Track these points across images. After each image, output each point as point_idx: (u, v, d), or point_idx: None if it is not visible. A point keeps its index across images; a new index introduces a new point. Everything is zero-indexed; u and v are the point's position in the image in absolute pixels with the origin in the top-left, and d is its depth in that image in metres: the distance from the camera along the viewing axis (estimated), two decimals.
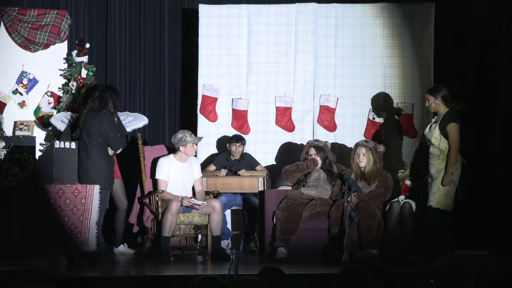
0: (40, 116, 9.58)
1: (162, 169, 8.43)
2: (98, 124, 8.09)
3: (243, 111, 9.60)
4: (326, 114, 9.62)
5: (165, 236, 8.10)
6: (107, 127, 8.10)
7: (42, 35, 9.58)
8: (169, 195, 8.33)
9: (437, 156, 7.76)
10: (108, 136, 8.12)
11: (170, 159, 8.51)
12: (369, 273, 3.66)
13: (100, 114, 8.11)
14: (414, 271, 7.04)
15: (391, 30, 9.56)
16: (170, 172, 8.44)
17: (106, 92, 8.22)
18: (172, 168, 8.46)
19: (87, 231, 7.45)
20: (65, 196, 7.38)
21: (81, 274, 7.08)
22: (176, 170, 8.46)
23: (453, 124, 7.72)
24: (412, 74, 9.53)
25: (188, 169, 8.53)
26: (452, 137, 7.71)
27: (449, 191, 7.71)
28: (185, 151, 8.45)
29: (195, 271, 7.51)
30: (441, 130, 7.75)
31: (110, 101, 8.17)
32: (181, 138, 8.41)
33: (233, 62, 9.61)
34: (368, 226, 7.99)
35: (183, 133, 8.47)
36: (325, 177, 8.51)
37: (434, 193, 7.72)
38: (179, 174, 8.46)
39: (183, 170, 8.49)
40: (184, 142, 8.40)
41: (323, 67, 9.64)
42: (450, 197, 7.72)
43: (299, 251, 8.12)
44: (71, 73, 9.45)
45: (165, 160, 8.49)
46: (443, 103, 7.85)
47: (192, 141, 8.43)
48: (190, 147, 8.44)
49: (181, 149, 8.43)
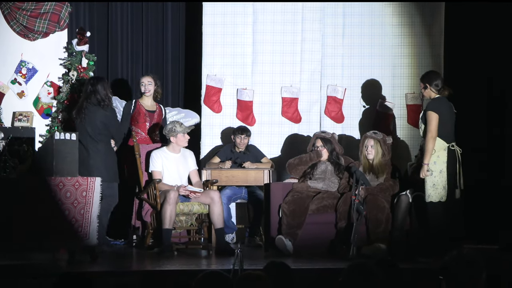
0: (39, 106, 9.62)
1: (156, 161, 8.52)
2: (103, 117, 8.22)
3: (248, 102, 9.62)
4: (333, 105, 9.64)
5: (166, 228, 8.13)
6: (114, 120, 8.35)
7: (41, 23, 9.58)
8: (165, 186, 8.40)
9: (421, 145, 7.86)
10: (115, 128, 8.32)
11: (163, 151, 8.59)
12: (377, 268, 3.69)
13: (104, 107, 8.25)
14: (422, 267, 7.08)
15: (400, 19, 9.56)
16: (164, 163, 8.52)
17: (98, 83, 8.36)
18: (166, 159, 8.53)
19: (88, 225, 7.49)
20: (66, 188, 7.41)
21: (82, 268, 7.12)
22: (170, 161, 8.53)
23: (429, 112, 7.72)
24: (422, 64, 9.54)
25: (183, 161, 8.60)
26: (428, 125, 7.70)
27: (437, 182, 7.70)
28: (177, 142, 8.51)
29: (199, 265, 7.54)
30: (422, 117, 7.79)
31: (107, 92, 8.32)
32: (171, 129, 8.48)
33: (238, 51, 9.62)
34: (376, 219, 8.02)
35: (172, 123, 8.54)
36: (332, 169, 8.54)
37: (425, 187, 7.73)
38: (173, 165, 8.54)
39: (177, 161, 8.57)
40: (174, 133, 8.48)
41: (330, 56, 9.65)
42: (442, 187, 7.71)
43: (305, 245, 8.15)
44: (71, 63, 9.47)
45: (158, 152, 8.57)
46: (433, 89, 7.87)
47: (182, 131, 8.49)
48: (181, 137, 8.50)
49: (172, 139, 8.51)
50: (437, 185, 7.71)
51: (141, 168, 8.69)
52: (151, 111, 9.04)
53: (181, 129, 8.50)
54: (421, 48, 9.56)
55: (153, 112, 9.04)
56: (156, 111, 9.09)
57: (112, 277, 6.75)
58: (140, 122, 8.98)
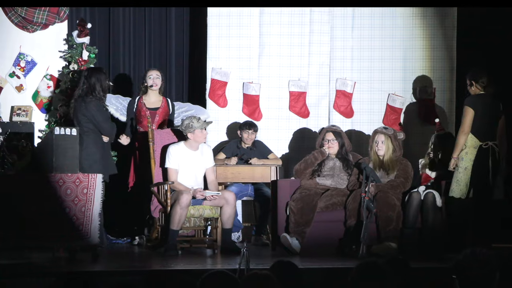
0: (39, 100, 9.64)
1: (173, 157, 8.40)
2: (85, 110, 8.22)
3: (255, 96, 9.63)
4: (342, 99, 9.65)
5: (173, 229, 8.10)
6: (95, 112, 8.24)
7: (40, 15, 9.57)
8: (180, 186, 8.32)
9: None
10: (97, 122, 8.24)
11: (181, 146, 8.47)
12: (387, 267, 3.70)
13: (87, 100, 8.25)
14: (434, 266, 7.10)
15: (412, 10, 9.55)
16: (180, 160, 8.43)
17: (92, 76, 8.35)
18: (183, 156, 8.43)
19: (90, 223, 7.50)
20: (66, 185, 7.44)
21: (83, 268, 7.15)
22: (187, 158, 8.44)
23: (465, 108, 7.90)
24: (434, 57, 9.54)
25: (200, 158, 8.49)
26: (462, 120, 7.88)
27: (460, 178, 7.82)
28: (194, 138, 8.41)
29: (204, 265, 7.56)
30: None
31: (97, 85, 8.32)
32: (188, 125, 8.36)
33: (244, 43, 9.62)
34: (386, 217, 8.03)
35: (189, 119, 8.43)
36: (340, 165, 8.54)
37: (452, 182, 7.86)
38: (190, 163, 8.44)
39: (195, 159, 8.47)
40: (192, 129, 8.36)
41: (339, 49, 9.65)
42: (464, 184, 7.82)
43: (313, 244, 8.16)
44: (71, 55, 9.47)
45: (175, 147, 8.47)
46: (477, 87, 7.96)
47: (199, 127, 8.36)
48: (199, 133, 8.39)
49: (190, 136, 8.39)
50: (460, 182, 7.85)
51: (153, 157, 8.66)
52: (154, 108, 8.97)
53: (199, 125, 8.36)
54: (434, 40, 9.56)
55: (155, 110, 8.97)
56: (160, 108, 9.01)
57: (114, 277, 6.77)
58: (141, 121, 8.96)
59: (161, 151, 8.66)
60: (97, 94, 8.29)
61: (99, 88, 8.31)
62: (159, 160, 8.66)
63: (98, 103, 8.30)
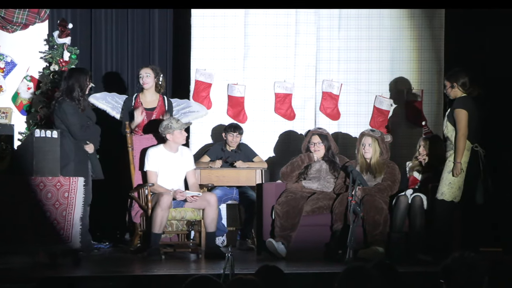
0: (18, 102, 9.60)
1: (152, 160, 8.45)
2: (58, 111, 8.19)
3: (240, 98, 9.63)
4: (329, 101, 9.66)
5: (155, 233, 8.11)
6: (67, 113, 8.19)
7: (20, 14, 9.54)
8: (160, 188, 8.35)
9: (449, 147, 7.88)
10: (67, 124, 8.18)
11: (160, 149, 8.52)
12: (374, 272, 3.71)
13: (60, 100, 8.22)
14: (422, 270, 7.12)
15: (399, 11, 9.58)
16: (160, 163, 8.46)
17: (71, 78, 8.34)
18: (162, 158, 8.47)
19: (71, 227, 7.48)
20: (47, 189, 7.41)
21: (64, 273, 7.12)
22: (167, 160, 8.48)
23: (460, 110, 7.82)
24: (422, 58, 9.58)
25: (180, 160, 8.54)
26: (458, 123, 7.82)
27: (453, 181, 7.81)
28: (173, 139, 8.44)
29: (188, 270, 7.56)
30: (449, 116, 7.85)
31: (76, 85, 8.27)
32: (167, 126, 8.41)
33: (229, 44, 9.62)
34: (373, 221, 8.05)
35: (168, 120, 8.47)
36: (327, 168, 8.56)
37: (440, 184, 7.84)
38: (170, 165, 8.48)
39: (174, 161, 8.51)
40: (171, 130, 8.40)
41: (326, 50, 9.67)
42: (457, 187, 7.82)
43: (299, 248, 8.17)
44: (52, 56, 9.45)
45: (154, 150, 8.50)
46: (460, 89, 7.94)
47: (178, 127, 8.41)
48: (178, 134, 8.43)
49: (169, 137, 8.43)
50: (453, 184, 7.84)
51: (133, 163, 8.65)
52: (150, 108, 8.89)
53: (178, 126, 8.41)
54: (421, 41, 9.59)
55: (152, 110, 8.91)
56: (157, 107, 8.92)
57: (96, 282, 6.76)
58: None
59: (140, 155, 8.67)
60: (75, 96, 8.24)
61: (78, 89, 8.27)
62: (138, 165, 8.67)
63: (71, 104, 8.22)
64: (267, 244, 8.13)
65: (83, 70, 8.59)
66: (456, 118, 7.84)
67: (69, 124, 8.21)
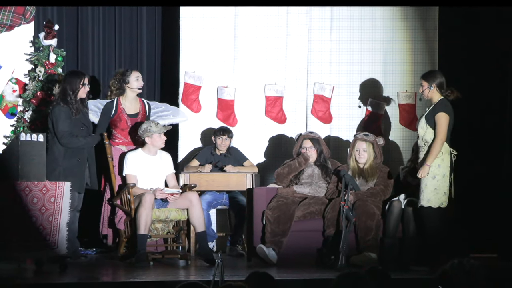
0: (3, 105, 9.58)
1: (131, 163, 8.49)
2: (51, 114, 8.19)
3: (229, 101, 9.63)
4: (320, 104, 9.67)
5: (141, 233, 8.10)
6: (57, 119, 8.17)
7: (5, 16, 9.53)
8: (140, 190, 8.38)
9: (423, 148, 7.85)
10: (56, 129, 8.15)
11: (138, 152, 8.57)
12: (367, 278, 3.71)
13: (54, 105, 8.21)
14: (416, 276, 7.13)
15: (392, 12, 9.60)
16: (139, 166, 8.49)
17: (64, 81, 8.36)
18: (141, 162, 8.51)
19: (57, 233, 7.47)
20: (32, 194, 7.39)
21: (51, 280, 7.11)
22: (146, 163, 8.51)
23: (442, 114, 7.78)
24: (415, 60, 9.60)
25: (159, 163, 8.59)
26: (439, 127, 7.76)
27: (439, 186, 7.76)
28: (152, 143, 8.49)
29: (176, 276, 7.55)
30: (429, 119, 7.81)
31: (68, 89, 8.24)
32: (146, 129, 8.46)
33: (218, 46, 9.62)
34: (365, 227, 8.05)
35: (147, 123, 8.52)
36: (319, 173, 8.56)
37: (423, 191, 7.78)
38: (149, 168, 8.52)
39: (154, 164, 8.55)
40: (150, 133, 8.45)
41: (317, 52, 9.68)
42: (443, 192, 7.78)
43: (291, 254, 8.17)
44: (38, 58, 9.43)
45: (132, 154, 8.55)
46: (437, 90, 7.92)
47: (158, 131, 8.46)
48: (157, 137, 8.48)
49: (148, 140, 8.49)
50: (439, 190, 7.77)
51: (113, 172, 8.67)
52: (134, 115, 8.86)
53: (157, 129, 8.47)
54: (415, 43, 9.61)
55: (136, 116, 8.87)
56: (140, 112, 8.91)
57: None
58: (121, 128, 8.88)
59: (119, 160, 8.69)
60: (68, 99, 8.22)
61: (70, 92, 8.25)
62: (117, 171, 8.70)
63: (63, 110, 8.19)
64: (258, 250, 8.13)
65: (77, 73, 8.53)
66: (437, 122, 7.79)
67: (57, 130, 8.19)
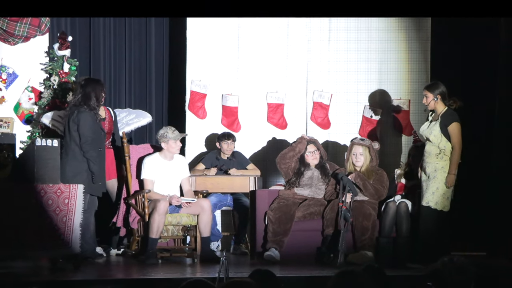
0: (20, 112, 9.58)
1: (148, 168, 8.46)
2: (76, 119, 8.13)
3: (233, 108, 9.63)
4: (319, 110, 9.66)
5: (153, 237, 8.11)
6: (82, 124, 8.10)
7: (21, 27, 9.53)
8: (156, 195, 8.35)
9: (436, 155, 7.85)
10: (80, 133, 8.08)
11: (156, 157, 8.54)
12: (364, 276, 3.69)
13: (81, 109, 8.15)
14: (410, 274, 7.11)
15: (387, 24, 9.60)
16: (156, 170, 8.46)
17: (88, 86, 8.25)
18: (158, 166, 8.48)
19: (71, 233, 7.46)
20: (47, 196, 7.38)
21: (65, 277, 7.10)
22: (162, 168, 8.49)
23: (455, 124, 7.83)
24: (409, 69, 9.59)
25: (175, 168, 8.55)
26: (455, 137, 7.82)
27: (446, 192, 7.84)
28: (168, 148, 8.47)
29: (183, 274, 7.54)
30: (442, 128, 7.83)
31: (92, 94, 8.20)
32: (162, 135, 8.45)
33: (223, 56, 9.62)
34: (362, 227, 8.05)
35: (165, 129, 8.51)
36: (318, 175, 8.56)
37: (433, 193, 7.81)
38: (165, 173, 8.49)
39: (170, 168, 8.52)
40: (166, 139, 8.43)
41: (316, 62, 9.68)
42: (447, 197, 7.85)
43: (292, 253, 8.17)
44: (52, 68, 9.43)
45: (150, 158, 8.52)
46: (441, 101, 7.93)
47: (174, 137, 8.44)
48: (173, 143, 8.45)
49: (164, 146, 8.47)
50: (445, 195, 7.86)
51: (130, 171, 8.64)
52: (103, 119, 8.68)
53: (173, 136, 8.44)
54: (408, 53, 9.60)
55: (104, 120, 8.71)
56: (106, 118, 8.76)
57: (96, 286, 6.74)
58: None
59: (137, 163, 8.66)
60: (92, 104, 8.19)
61: (94, 98, 8.22)
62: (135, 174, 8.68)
63: (90, 115, 8.14)
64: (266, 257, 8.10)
65: (99, 81, 8.52)
66: (451, 132, 7.82)
67: (83, 134, 8.10)
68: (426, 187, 7.87)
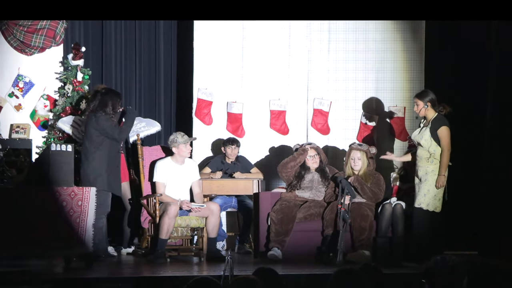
0: (36, 119, 9.60)
1: (160, 171, 8.46)
2: (95, 124, 8.12)
3: (238, 115, 9.64)
4: (319, 117, 9.67)
5: (162, 238, 8.12)
6: (105, 125, 8.10)
7: (37, 39, 9.57)
8: (168, 198, 8.34)
9: (426, 159, 7.86)
10: (109, 133, 8.07)
11: (167, 161, 8.54)
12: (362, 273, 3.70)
13: (97, 115, 8.15)
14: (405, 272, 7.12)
15: (383, 35, 9.62)
16: (167, 174, 8.46)
17: (107, 94, 8.27)
18: (170, 170, 8.48)
19: (84, 233, 7.47)
20: (62, 198, 7.39)
21: (78, 275, 7.11)
22: (174, 172, 8.48)
23: (444, 128, 7.85)
24: (404, 78, 9.61)
25: (186, 171, 8.54)
26: (444, 140, 7.83)
27: (437, 193, 7.85)
28: (178, 152, 8.47)
29: (191, 272, 7.54)
30: (432, 133, 7.85)
31: (109, 103, 8.21)
32: (172, 140, 8.45)
33: (228, 65, 9.65)
34: (360, 227, 8.06)
35: (174, 135, 8.52)
36: (319, 178, 8.57)
37: (425, 195, 7.83)
38: (176, 176, 8.48)
39: (181, 172, 8.51)
40: (176, 143, 8.43)
41: (316, 71, 9.69)
42: (438, 199, 7.87)
43: (293, 252, 8.18)
44: (67, 77, 9.44)
45: (162, 162, 8.53)
46: (431, 107, 7.95)
47: (183, 142, 8.43)
48: (183, 147, 8.45)
49: (175, 150, 8.46)
50: (437, 196, 7.86)
51: (143, 172, 8.65)
52: None
53: (183, 140, 8.44)
54: (403, 63, 9.62)
55: None
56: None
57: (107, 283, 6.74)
58: None
59: (150, 166, 8.67)
60: (108, 111, 8.19)
61: (111, 106, 8.22)
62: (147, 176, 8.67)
63: (107, 117, 8.15)
64: (269, 257, 8.11)
65: (119, 93, 8.54)
66: (441, 136, 7.84)
67: (113, 132, 8.10)
68: (418, 190, 7.90)
